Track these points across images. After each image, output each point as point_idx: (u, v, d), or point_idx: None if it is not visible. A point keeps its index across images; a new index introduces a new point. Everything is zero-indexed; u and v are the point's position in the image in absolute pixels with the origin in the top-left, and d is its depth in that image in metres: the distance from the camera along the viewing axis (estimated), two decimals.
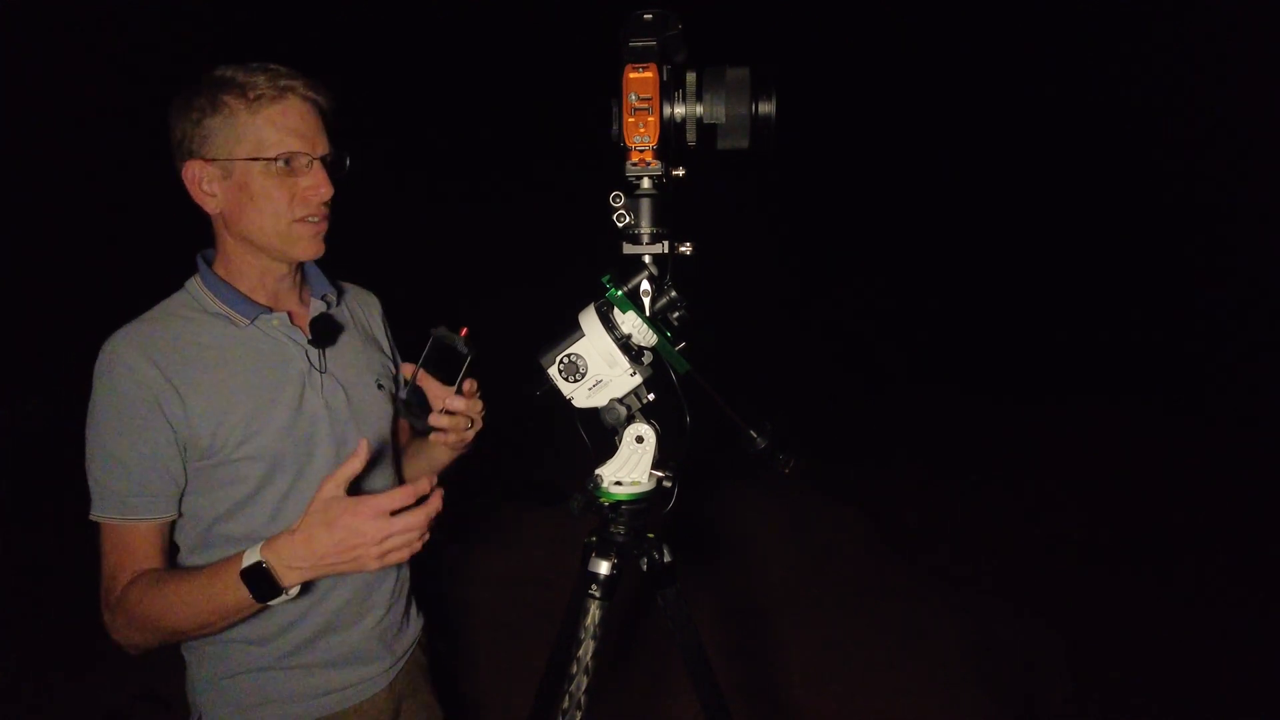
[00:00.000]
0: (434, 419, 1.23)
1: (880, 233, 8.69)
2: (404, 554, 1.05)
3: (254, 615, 1.13)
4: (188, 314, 1.21)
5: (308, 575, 1.05)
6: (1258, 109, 7.05)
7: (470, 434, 1.33)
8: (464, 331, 1.19)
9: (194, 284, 1.24)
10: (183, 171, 1.18)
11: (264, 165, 1.15)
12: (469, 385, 1.26)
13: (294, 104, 1.17)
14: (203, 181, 1.17)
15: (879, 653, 3.12)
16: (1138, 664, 3.02)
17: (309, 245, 1.22)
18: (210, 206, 1.19)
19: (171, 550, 1.22)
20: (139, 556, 1.15)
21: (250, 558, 1.04)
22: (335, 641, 1.28)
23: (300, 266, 1.31)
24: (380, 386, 1.35)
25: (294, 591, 1.06)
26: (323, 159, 1.19)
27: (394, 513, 1.02)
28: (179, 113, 1.16)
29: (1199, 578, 3.65)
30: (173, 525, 1.20)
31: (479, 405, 1.29)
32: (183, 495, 1.18)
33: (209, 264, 1.25)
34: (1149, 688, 2.89)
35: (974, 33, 7.75)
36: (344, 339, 1.33)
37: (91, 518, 1.16)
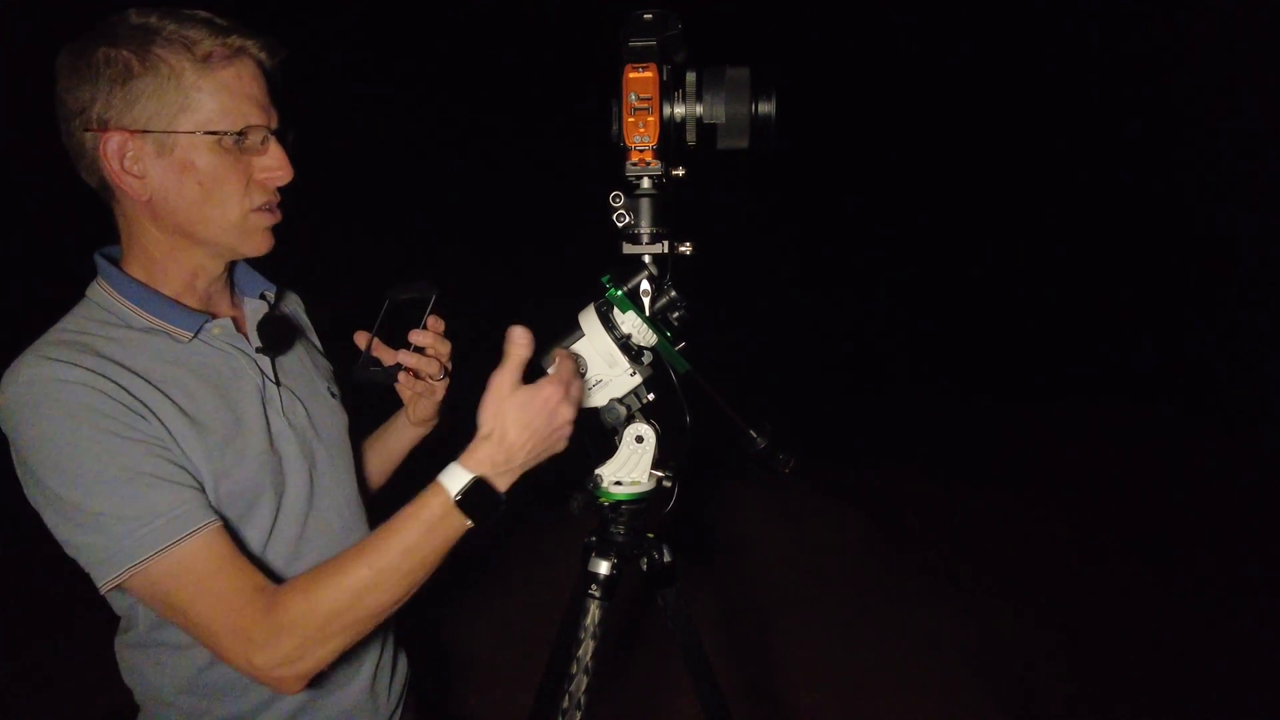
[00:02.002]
0: (402, 355, 1.10)
1: (880, 233, 8.69)
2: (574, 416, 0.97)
3: (240, 690, 1.00)
4: (108, 333, 0.94)
5: (517, 474, 0.94)
6: (1258, 109, 7.05)
7: (441, 386, 1.18)
8: (421, 283, 1.11)
9: (101, 293, 0.98)
10: (99, 145, 0.91)
11: (217, 141, 0.92)
12: (435, 322, 1.13)
13: (248, 67, 0.95)
14: (127, 158, 0.91)
15: (879, 653, 3.12)
16: (1138, 664, 3.02)
17: (264, 239, 1.01)
18: (135, 191, 0.93)
19: (119, 623, 1.01)
20: (243, 567, 0.90)
21: (458, 479, 0.90)
22: (327, 703, 1.11)
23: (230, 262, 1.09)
24: (333, 395, 1.18)
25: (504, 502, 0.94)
26: (277, 133, 0.99)
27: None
28: (83, 69, 0.89)
29: (1199, 578, 3.65)
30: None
31: (447, 345, 1.14)
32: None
33: (115, 263, 1.00)
34: (1149, 688, 2.88)
35: (975, 33, 7.75)
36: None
37: (122, 577, 0.85)
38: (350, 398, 1.23)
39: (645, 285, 1.03)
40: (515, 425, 0.91)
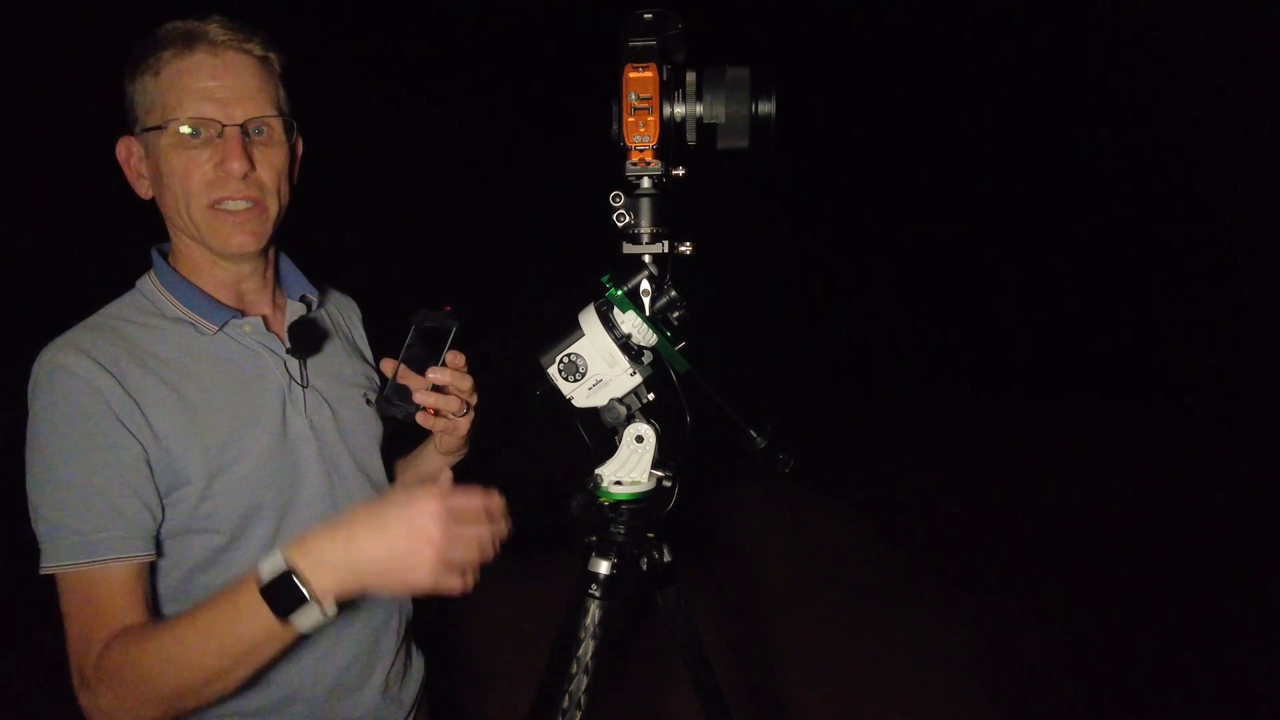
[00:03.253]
0: (419, 396, 1.04)
1: (881, 233, 8.69)
2: (472, 560, 0.83)
3: (257, 678, 0.91)
4: (142, 320, 0.99)
5: (345, 583, 0.80)
6: (1258, 109, 7.05)
7: (464, 422, 1.12)
8: (447, 309, 1.08)
9: (148, 283, 1.03)
10: (116, 153, 1.00)
11: (167, 136, 0.94)
12: (455, 358, 1.07)
13: (202, 59, 0.94)
14: (132, 161, 1.00)
15: (879, 653, 3.12)
16: (1138, 664, 3.02)
17: (232, 238, 0.98)
18: (141, 190, 1.01)
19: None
20: (116, 611, 0.88)
21: (272, 565, 0.80)
22: (342, 708, 1.08)
23: (276, 264, 1.11)
24: (369, 402, 1.16)
25: (331, 610, 0.80)
26: (244, 127, 0.96)
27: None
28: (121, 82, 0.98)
29: (1200, 578, 3.64)
30: (152, 571, 0.94)
31: (469, 381, 1.09)
32: (160, 535, 0.94)
33: (165, 258, 1.05)
34: (1149, 688, 2.88)
35: (977, 33, 7.75)
36: (327, 347, 1.14)
37: (44, 570, 0.90)
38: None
39: (645, 285, 1.03)
40: (375, 537, 0.81)
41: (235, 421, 0.98)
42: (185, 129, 0.94)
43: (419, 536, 0.80)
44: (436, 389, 1.06)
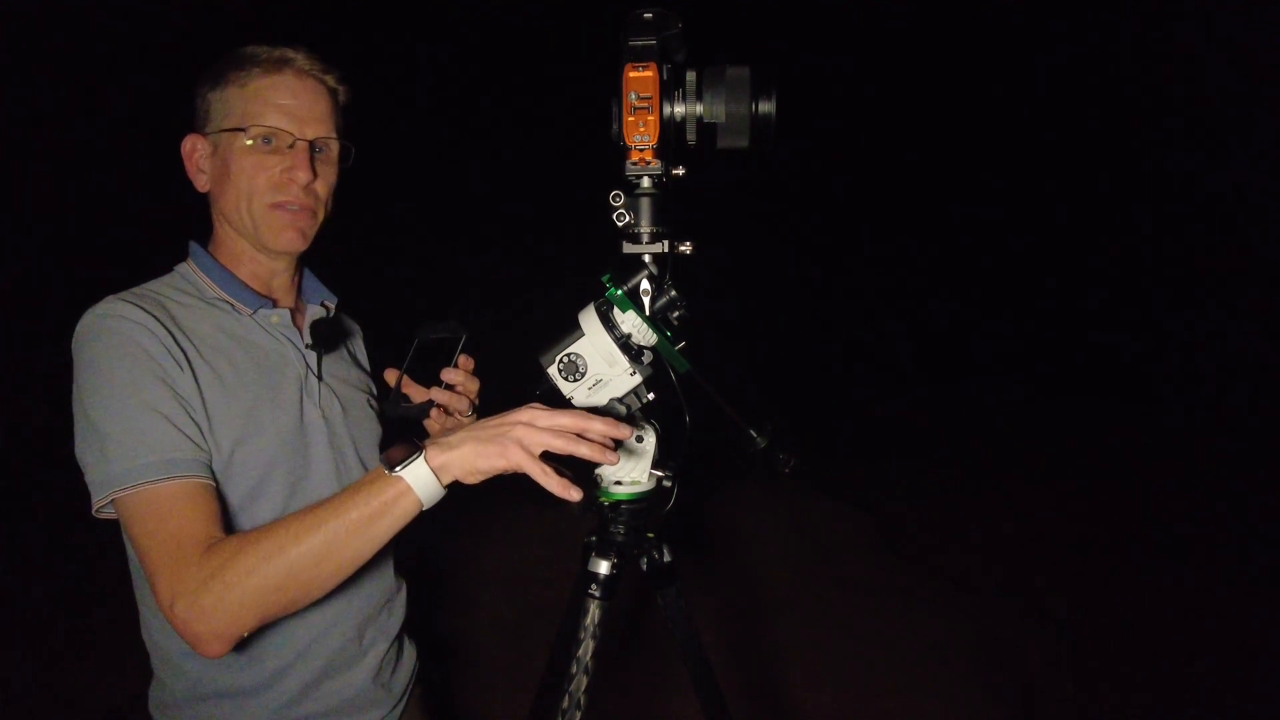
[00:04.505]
0: (434, 393, 1.13)
1: (881, 232, 8.69)
2: (561, 445, 0.86)
3: (246, 663, 1.04)
4: (181, 299, 1.08)
5: (452, 460, 0.87)
6: (1258, 109, 7.05)
7: (470, 422, 1.16)
8: (452, 321, 1.14)
9: (186, 268, 1.14)
10: (182, 146, 1.12)
11: (242, 139, 1.07)
12: (465, 361, 1.16)
13: (287, 80, 1.09)
14: (195, 156, 1.12)
15: (879, 653, 3.11)
16: (1138, 664, 3.02)
17: (283, 235, 1.10)
18: (199, 183, 1.13)
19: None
20: (205, 523, 0.92)
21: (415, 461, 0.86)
22: (332, 688, 1.14)
23: (300, 270, 1.23)
24: (372, 408, 1.26)
25: (440, 482, 0.87)
26: (312, 144, 1.10)
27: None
28: (195, 89, 1.11)
29: (1200, 578, 3.65)
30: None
31: (476, 383, 1.18)
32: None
33: (204, 248, 1.16)
34: (1149, 688, 2.88)
35: (979, 30, 7.75)
36: (340, 349, 1.24)
37: (115, 495, 0.91)
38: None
39: (645, 284, 1.02)
40: (477, 428, 0.89)
41: (259, 399, 1.07)
42: (263, 136, 1.07)
43: (511, 418, 0.88)
44: (449, 389, 1.14)
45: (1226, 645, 3.11)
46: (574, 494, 0.86)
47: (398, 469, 0.86)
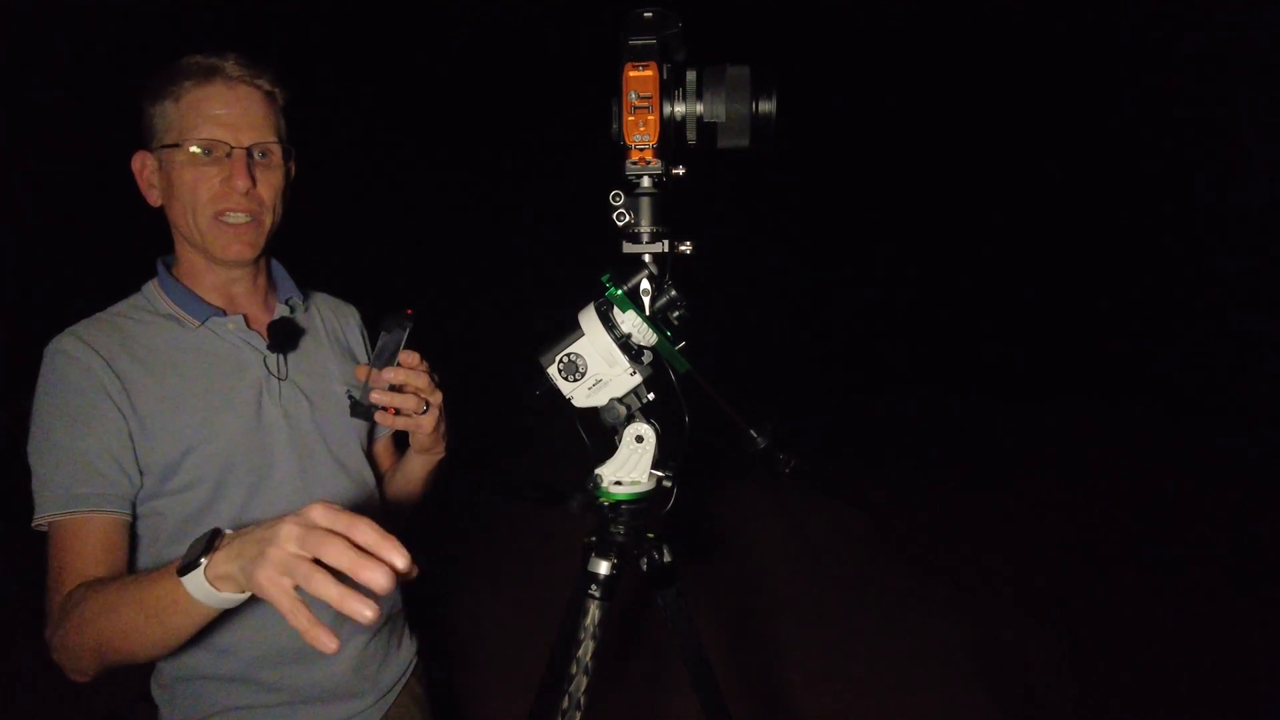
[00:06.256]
0: (375, 396, 1.09)
1: (881, 232, 8.69)
2: (311, 582, 0.68)
3: (219, 656, 1.08)
4: (138, 316, 1.13)
5: (225, 560, 0.77)
6: (1258, 109, 7.05)
7: (427, 419, 1.17)
8: (409, 311, 1.13)
9: (150, 286, 1.18)
10: (131, 164, 1.13)
11: (181, 153, 1.08)
12: (409, 357, 1.12)
13: (218, 89, 1.08)
14: (145, 172, 1.13)
15: (879, 653, 3.11)
16: (1138, 664, 3.02)
17: (230, 247, 1.12)
18: (152, 199, 1.14)
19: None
20: (86, 560, 0.99)
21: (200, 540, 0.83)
22: (312, 672, 1.18)
23: (268, 271, 1.24)
24: (352, 399, 1.21)
25: (221, 594, 0.77)
26: (249, 150, 1.10)
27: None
28: (139, 103, 1.12)
29: (1200, 578, 3.64)
30: (131, 533, 1.06)
31: (423, 379, 1.13)
32: (136, 502, 1.06)
33: (169, 268, 1.19)
34: (1149, 688, 2.88)
35: (977, 31, 7.75)
36: (309, 347, 1.25)
37: (35, 524, 1.02)
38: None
39: (645, 284, 1.02)
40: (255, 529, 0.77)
41: (209, 406, 1.10)
42: (198, 148, 1.08)
43: (269, 530, 0.72)
44: (394, 389, 1.13)
45: (1227, 646, 3.11)
46: (329, 643, 0.69)
47: (180, 572, 0.78)
